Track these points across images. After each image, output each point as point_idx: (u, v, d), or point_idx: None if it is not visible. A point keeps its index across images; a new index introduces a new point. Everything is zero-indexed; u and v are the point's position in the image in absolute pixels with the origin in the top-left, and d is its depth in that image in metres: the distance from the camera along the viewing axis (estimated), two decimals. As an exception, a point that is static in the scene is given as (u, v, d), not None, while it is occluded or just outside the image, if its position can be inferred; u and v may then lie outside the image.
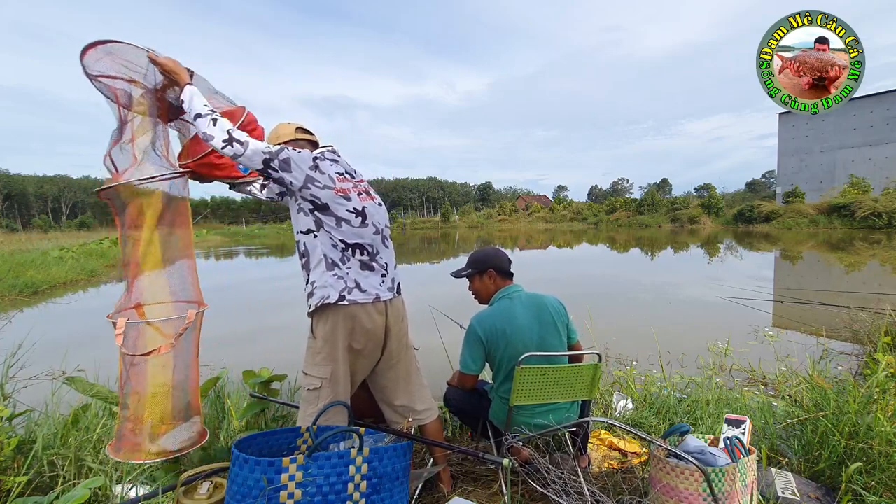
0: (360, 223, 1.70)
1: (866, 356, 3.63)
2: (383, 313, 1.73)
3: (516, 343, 1.88)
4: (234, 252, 21.62)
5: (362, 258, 1.70)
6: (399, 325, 1.82)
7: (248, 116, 1.86)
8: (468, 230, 38.53)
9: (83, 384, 2.13)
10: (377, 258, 1.75)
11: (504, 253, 2.11)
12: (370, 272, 1.72)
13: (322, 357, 1.67)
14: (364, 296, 1.67)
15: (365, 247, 1.71)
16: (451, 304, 2.41)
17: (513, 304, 1.96)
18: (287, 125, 1.88)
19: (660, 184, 69.21)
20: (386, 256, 1.80)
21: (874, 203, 23.66)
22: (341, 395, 1.70)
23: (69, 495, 1.49)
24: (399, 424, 1.88)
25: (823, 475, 1.87)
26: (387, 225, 1.85)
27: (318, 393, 1.68)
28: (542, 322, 1.93)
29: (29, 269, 10.60)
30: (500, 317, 1.92)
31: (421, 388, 1.92)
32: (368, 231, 1.72)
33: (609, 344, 4.35)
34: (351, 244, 1.68)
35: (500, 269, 2.04)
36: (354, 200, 1.71)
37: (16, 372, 2.82)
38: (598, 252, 17.80)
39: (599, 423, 2.39)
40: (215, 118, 1.57)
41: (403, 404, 1.87)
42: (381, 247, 1.78)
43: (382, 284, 1.75)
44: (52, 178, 66.28)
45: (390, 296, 1.77)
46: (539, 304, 1.97)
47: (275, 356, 4.59)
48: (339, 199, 1.67)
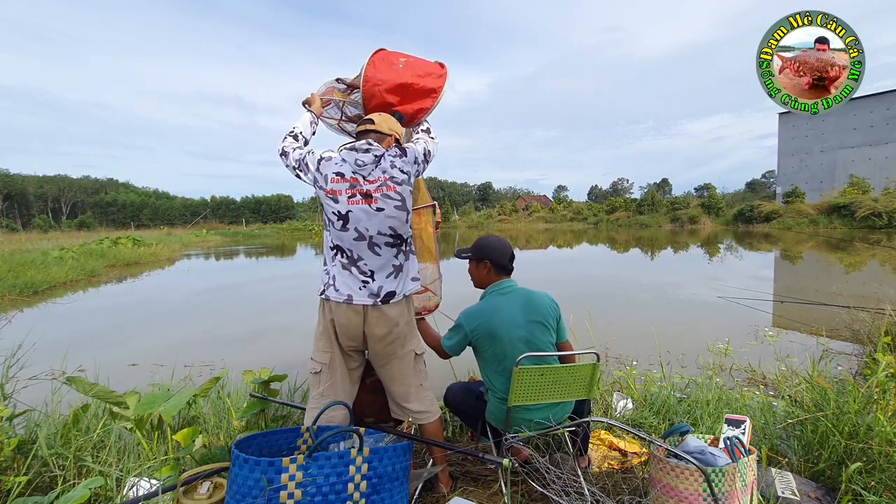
0: (340, 227, 1.72)
1: (866, 356, 3.63)
2: (360, 314, 1.74)
3: (502, 338, 1.88)
4: (234, 252, 21.62)
5: (342, 260, 1.76)
6: (385, 329, 1.76)
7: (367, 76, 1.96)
8: (468, 230, 38.53)
9: (83, 384, 2.13)
10: (358, 263, 1.74)
11: (506, 247, 2.05)
12: (349, 274, 1.75)
13: (322, 343, 1.82)
14: (337, 294, 1.74)
15: (345, 250, 1.75)
16: (451, 304, 2.41)
17: (501, 299, 1.96)
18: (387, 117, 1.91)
19: (660, 184, 69.21)
20: (373, 263, 1.74)
21: (874, 203, 23.64)
22: (339, 381, 1.81)
23: (69, 495, 1.49)
24: (402, 420, 1.90)
25: (823, 475, 1.87)
26: (383, 232, 1.73)
27: (319, 377, 1.81)
28: (529, 318, 1.92)
29: (29, 269, 10.58)
30: (487, 314, 1.93)
31: (419, 388, 1.91)
32: (349, 235, 1.72)
33: (609, 344, 4.34)
34: (334, 245, 1.77)
35: (496, 262, 2.03)
36: (341, 203, 1.71)
37: (16, 372, 2.82)
38: (598, 252, 17.80)
39: (599, 423, 2.39)
40: (286, 136, 1.91)
41: (398, 402, 1.91)
42: (365, 252, 1.73)
43: (363, 289, 1.73)
44: (52, 178, 66.28)
45: (370, 301, 1.73)
46: (528, 299, 1.96)
47: (275, 356, 4.60)
48: (327, 200, 1.73)
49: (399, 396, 1.90)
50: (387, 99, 1.94)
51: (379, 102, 1.95)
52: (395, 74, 1.93)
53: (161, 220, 53.83)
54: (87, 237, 23.37)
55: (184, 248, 22.37)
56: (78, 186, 67.52)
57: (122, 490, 1.75)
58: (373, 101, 1.97)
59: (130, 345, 5.49)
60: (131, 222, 51.21)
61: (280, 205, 62.59)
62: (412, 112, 2.00)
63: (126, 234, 24.54)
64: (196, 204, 63.04)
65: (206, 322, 6.96)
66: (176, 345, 5.44)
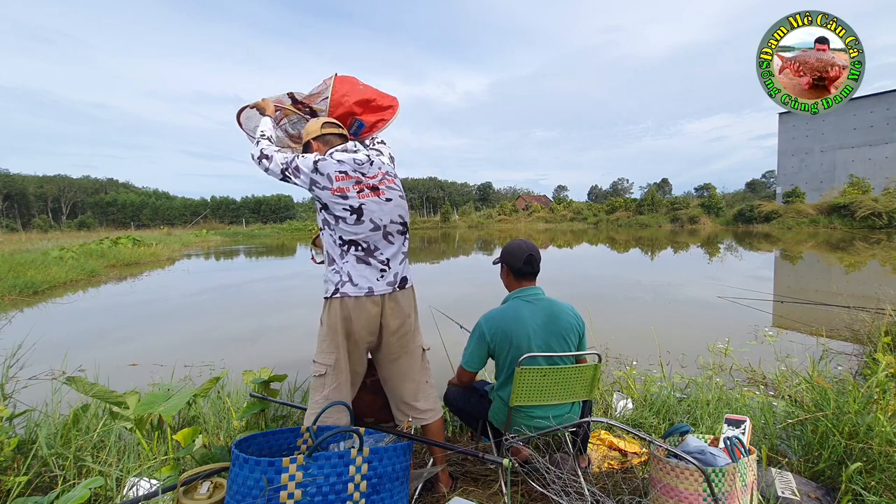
0: (355, 220, 1.76)
1: (866, 356, 3.63)
2: (379, 305, 1.77)
3: (521, 346, 1.86)
4: (234, 252, 21.62)
5: (357, 253, 1.78)
6: (399, 320, 1.82)
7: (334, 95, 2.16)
8: (468, 230, 38.51)
9: (83, 384, 2.13)
10: (375, 254, 1.80)
11: (521, 250, 1.96)
12: (366, 266, 1.77)
13: (326, 345, 1.78)
14: (355, 289, 1.74)
15: (360, 243, 1.78)
16: (451, 304, 2.42)
17: (524, 306, 1.91)
18: (315, 121, 2.02)
19: (660, 184, 69.12)
20: (388, 252, 1.82)
21: (874, 203, 23.63)
22: (344, 383, 1.78)
23: (69, 495, 1.49)
24: (403, 421, 1.89)
25: (823, 475, 1.87)
26: (395, 220, 1.83)
27: (324, 380, 1.77)
28: (550, 330, 1.88)
29: (29, 269, 10.58)
30: (508, 318, 1.90)
31: (426, 386, 1.93)
32: (364, 228, 1.77)
33: (609, 344, 4.35)
34: (347, 241, 1.77)
35: (512, 267, 1.99)
36: (352, 198, 1.76)
37: (16, 372, 2.82)
38: (598, 252, 17.80)
39: (599, 423, 2.39)
40: (258, 140, 1.96)
41: (406, 401, 1.89)
42: (381, 242, 1.81)
43: (381, 279, 1.78)
44: (52, 178, 66.15)
45: (388, 290, 1.79)
46: (553, 311, 1.90)
47: (275, 356, 4.60)
48: (335, 198, 1.76)
49: (409, 395, 1.89)
50: (353, 109, 2.17)
51: (345, 112, 2.16)
52: (357, 92, 2.19)
53: (161, 220, 53.80)
54: (87, 237, 23.38)
55: (184, 248, 22.37)
56: (78, 186, 67.42)
57: (122, 490, 1.76)
58: (339, 110, 2.17)
59: (130, 345, 5.50)
60: (131, 222, 51.25)
61: (280, 205, 62.62)
62: (373, 121, 2.22)
63: (126, 234, 24.55)
64: (196, 204, 63.03)
65: (206, 322, 6.96)
66: (176, 345, 5.44)
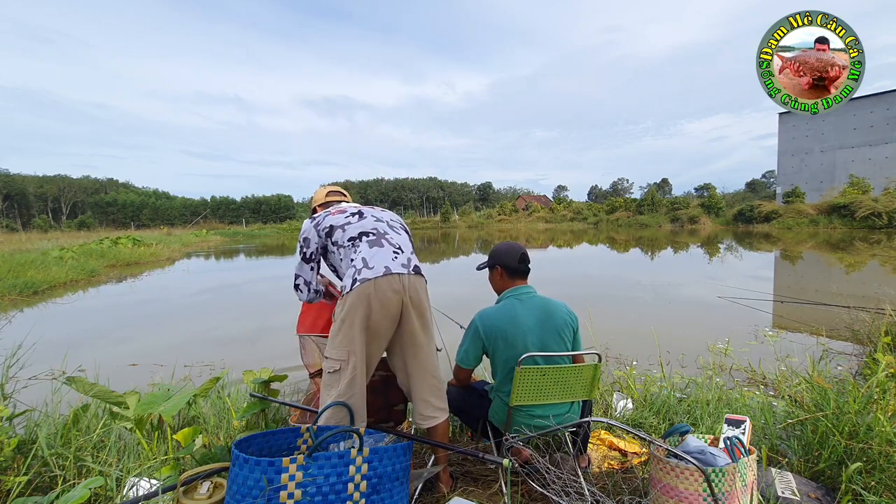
0: (357, 219, 1.90)
1: (866, 356, 3.63)
2: (399, 282, 1.75)
3: (516, 344, 1.87)
4: (234, 252, 21.61)
5: (369, 240, 1.84)
6: (419, 299, 1.80)
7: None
8: (468, 230, 38.52)
9: (83, 384, 2.13)
10: (385, 237, 1.86)
11: (515, 249, 2.04)
12: (379, 248, 1.81)
13: (339, 339, 1.73)
14: (371, 272, 1.73)
15: (369, 232, 1.86)
16: (451, 304, 2.42)
17: (518, 304, 1.94)
18: (321, 189, 2.24)
19: (660, 184, 69.15)
20: (397, 239, 1.88)
21: (874, 203, 23.63)
22: (359, 377, 1.74)
23: (69, 495, 1.49)
24: (421, 417, 1.88)
25: (823, 475, 1.87)
26: (394, 220, 2.01)
27: (338, 375, 1.72)
28: (545, 328, 1.90)
29: (29, 269, 10.58)
30: (503, 316, 1.91)
31: (440, 382, 1.93)
32: (369, 221, 1.90)
33: (609, 344, 4.35)
34: (356, 235, 1.85)
35: (506, 266, 2.02)
36: (349, 211, 1.94)
37: (16, 372, 2.82)
38: (598, 252, 17.80)
39: (599, 423, 2.39)
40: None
41: (431, 401, 1.87)
42: (388, 229, 1.90)
43: (395, 260, 1.79)
44: (52, 178, 66.16)
45: (404, 271, 1.78)
46: (547, 309, 1.93)
47: (275, 356, 4.59)
48: (336, 218, 1.91)
49: (431, 391, 1.86)
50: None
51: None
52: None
53: (161, 220, 53.82)
54: (87, 237, 23.38)
55: (184, 247, 22.36)
56: (78, 186, 67.44)
57: (122, 490, 1.76)
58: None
59: (130, 345, 5.50)
60: (131, 222, 51.23)
61: (280, 205, 62.63)
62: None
63: (126, 234, 24.56)
64: (196, 204, 63.04)
65: (206, 322, 6.96)
66: (176, 345, 5.44)
